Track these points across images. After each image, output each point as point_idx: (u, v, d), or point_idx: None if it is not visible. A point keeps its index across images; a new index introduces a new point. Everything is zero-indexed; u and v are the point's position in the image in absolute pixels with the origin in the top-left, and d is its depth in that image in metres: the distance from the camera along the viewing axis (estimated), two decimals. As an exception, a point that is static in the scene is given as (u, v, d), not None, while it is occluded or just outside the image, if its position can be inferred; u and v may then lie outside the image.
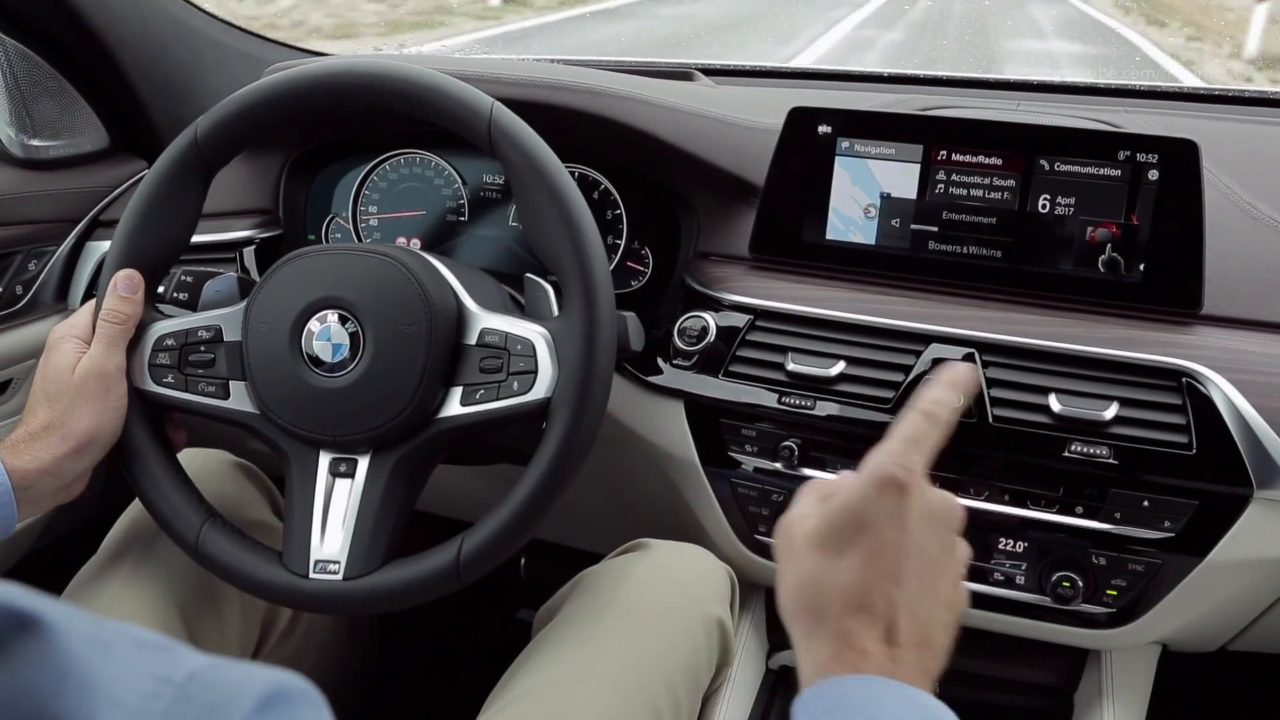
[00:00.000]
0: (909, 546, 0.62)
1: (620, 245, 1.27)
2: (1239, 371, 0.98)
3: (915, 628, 0.62)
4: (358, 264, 0.94)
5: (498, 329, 0.92)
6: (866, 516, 0.62)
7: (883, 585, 0.61)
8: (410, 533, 0.98)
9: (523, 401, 0.90)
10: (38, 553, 1.35)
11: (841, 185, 1.12)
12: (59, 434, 0.93)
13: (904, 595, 0.61)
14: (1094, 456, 0.99)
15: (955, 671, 1.21)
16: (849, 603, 0.61)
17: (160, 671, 0.37)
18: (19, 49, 1.30)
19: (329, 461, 0.95)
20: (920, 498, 0.63)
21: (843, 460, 1.08)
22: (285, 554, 0.96)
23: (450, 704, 1.15)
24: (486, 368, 0.92)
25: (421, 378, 0.91)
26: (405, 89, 0.93)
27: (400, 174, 1.33)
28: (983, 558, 1.07)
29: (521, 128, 0.93)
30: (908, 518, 0.62)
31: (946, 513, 0.65)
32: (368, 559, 0.93)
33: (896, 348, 1.06)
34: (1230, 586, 1.02)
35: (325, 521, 0.95)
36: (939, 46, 6.90)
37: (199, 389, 0.97)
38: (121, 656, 0.37)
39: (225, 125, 0.97)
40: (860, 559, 0.62)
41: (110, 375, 0.95)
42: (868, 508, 0.62)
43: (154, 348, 0.98)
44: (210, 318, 0.98)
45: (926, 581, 0.63)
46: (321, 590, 0.94)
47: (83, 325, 0.98)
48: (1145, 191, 1.02)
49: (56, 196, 1.32)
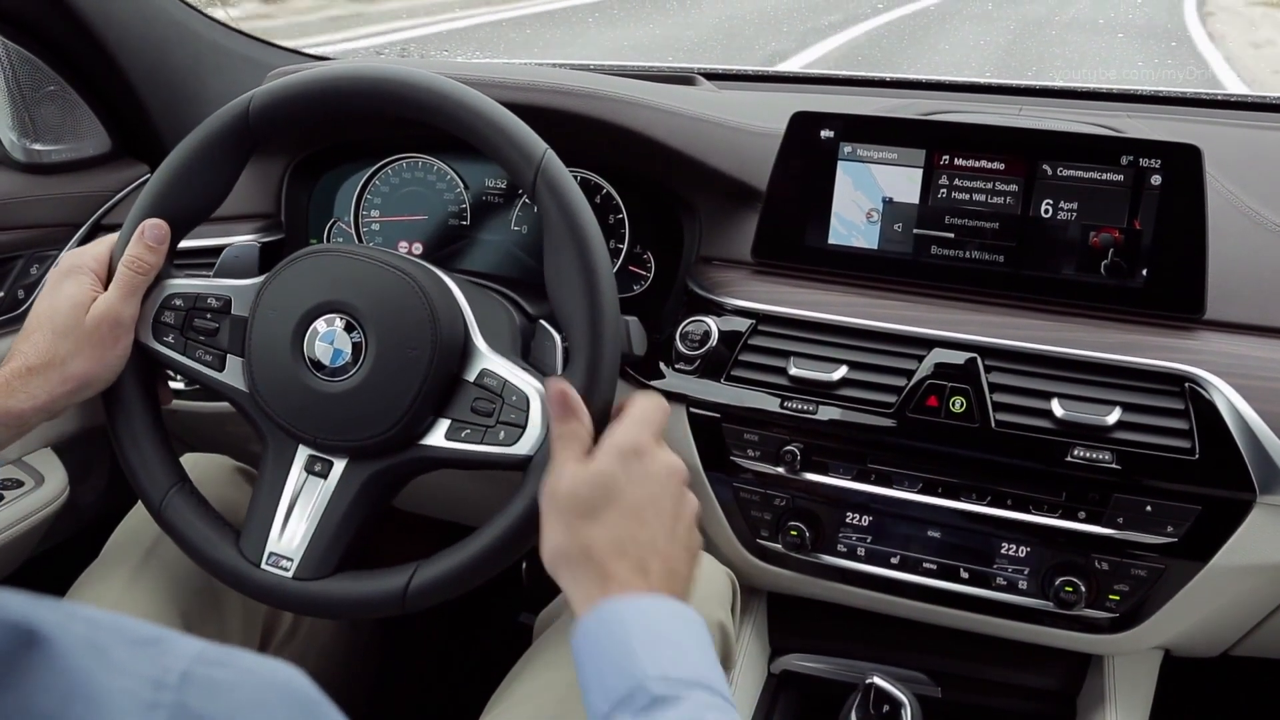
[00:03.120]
0: (650, 501, 0.77)
1: (622, 249, 1.27)
2: (1242, 376, 0.98)
3: (662, 563, 0.76)
4: (378, 276, 0.93)
5: (497, 373, 0.92)
6: (613, 482, 0.77)
7: (633, 533, 0.76)
8: (401, 536, 0.98)
9: (504, 453, 0.90)
10: (40, 556, 1.35)
11: (844, 190, 1.12)
12: (59, 374, 0.91)
13: (650, 538, 0.76)
14: (1096, 461, 0.99)
15: (958, 676, 1.22)
16: (608, 551, 0.75)
17: (155, 673, 0.37)
18: (21, 53, 1.30)
19: (305, 458, 0.95)
20: (655, 461, 0.79)
21: (845, 465, 1.08)
22: (243, 538, 0.96)
23: (451, 708, 1.15)
24: (478, 409, 0.91)
25: (413, 403, 0.90)
26: (463, 115, 0.92)
27: (402, 178, 1.33)
28: (985, 563, 1.07)
29: (568, 181, 0.91)
30: (647, 478, 0.78)
31: (677, 472, 0.81)
32: (321, 564, 0.94)
33: (899, 352, 1.06)
34: (1233, 592, 1.02)
35: (289, 516, 0.95)
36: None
37: (196, 355, 0.97)
38: (119, 662, 0.37)
39: (280, 102, 0.96)
40: (613, 516, 0.76)
41: (123, 324, 0.94)
42: (614, 474, 0.77)
43: (161, 304, 0.97)
44: (222, 287, 0.98)
45: (667, 527, 0.78)
46: (268, 584, 0.94)
47: (99, 260, 0.96)
48: (1148, 196, 1.02)
49: (58, 201, 1.32)
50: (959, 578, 1.08)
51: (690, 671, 0.68)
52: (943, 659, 1.23)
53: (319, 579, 0.93)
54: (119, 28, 1.34)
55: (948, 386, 1.03)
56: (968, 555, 1.07)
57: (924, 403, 1.04)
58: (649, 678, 0.67)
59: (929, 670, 1.23)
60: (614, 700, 0.67)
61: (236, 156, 0.98)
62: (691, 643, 0.71)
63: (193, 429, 1.38)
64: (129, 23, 1.35)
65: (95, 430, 1.42)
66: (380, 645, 1.55)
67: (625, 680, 0.67)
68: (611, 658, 0.69)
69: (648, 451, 0.79)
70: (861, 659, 1.24)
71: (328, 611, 0.95)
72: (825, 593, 1.15)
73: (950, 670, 1.23)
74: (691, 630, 0.72)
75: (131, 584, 1.02)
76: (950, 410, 1.03)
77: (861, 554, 1.10)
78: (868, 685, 1.00)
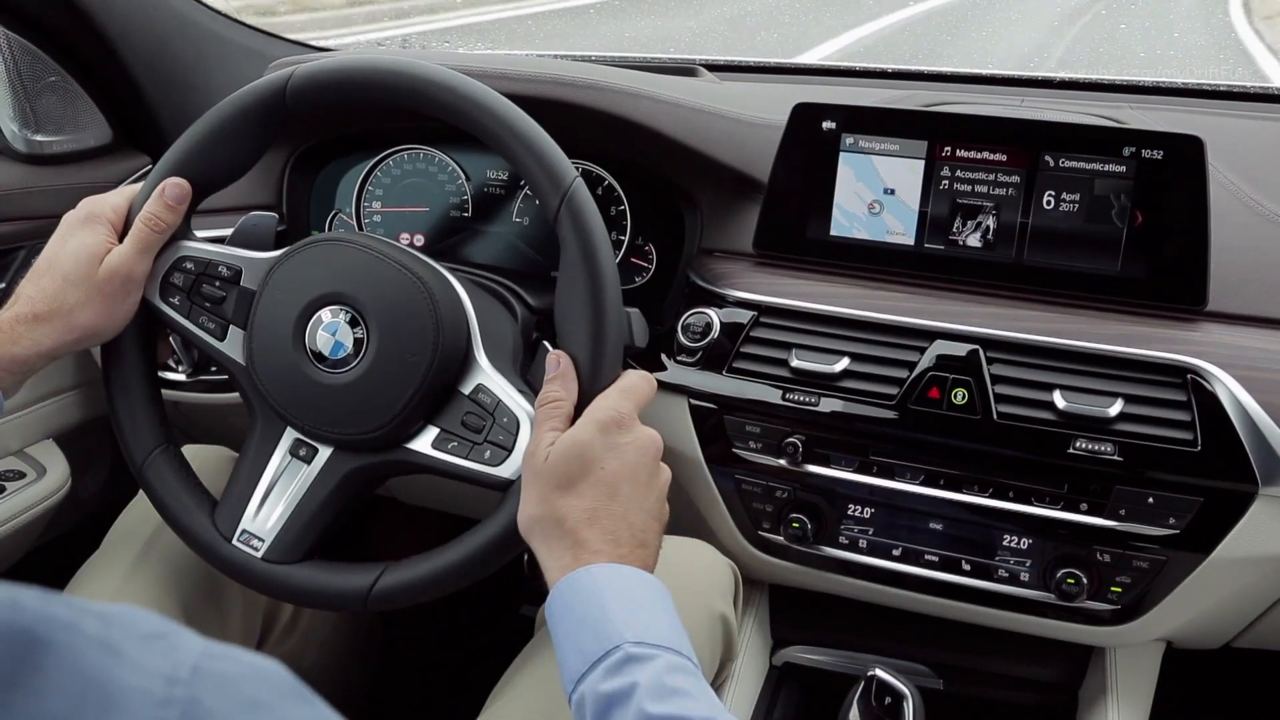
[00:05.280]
0: (624, 473, 0.80)
1: (624, 241, 1.27)
2: (1244, 368, 0.98)
3: (632, 534, 0.79)
4: (389, 275, 0.92)
5: (493, 391, 0.91)
6: (591, 453, 0.79)
7: (607, 504, 0.79)
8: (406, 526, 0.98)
9: (487, 473, 0.90)
10: (42, 548, 1.35)
11: (845, 181, 1.11)
12: (64, 322, 0.90)
13: (622, 509, 0.79)
14: (1099, 453, 0.99)
15: (960, 668, 1.22)
16: (581, 520, 0.78)
17: (168, 669, 0.37)
18: (22, 44, 1.30)
19: (291, 441, 0.95)
20: (632, 434, 0.82)
21: (847, 456, 1.08)
22: (218, 510, 0.96)
23: (454, 699, 1.15)
24: (468, 423, 0.91)
25: (405, 407, 0.90)
26: (499, 129, 0.91)
27: (404, 169, 1.33)
28: (987, 555, 1.07)
29: (591, 214, 0.90)
30: (622, 451, 0.80)
31: (652, 445, 0.83)
32: (292, 548, 0.94)
33: (900, 344, 1.06)
34: (1235, 583, 1.02)
35: (267, 496, 0.95)
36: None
37: (199, 320, 0.97)
38: (132, 659, 0.37)
39: (319, 84, 0.95)
40: (587, 487, 0.79)
41: (134, 280, 0.94)
42: (592, 444, 0.80)
43: (173, 265, 0.97)
44: (235, 257, 0.97)
45: (639, 499, 0.80)
46: (237, 560, 0.95)
47: (118, 211, 0.95)
48: (1150, 188, 1.02)
49: (60, 192, 1.32)
50: (961, 570, 1.08)
51: (661, 636, 0.72)
52: (945, 651, 1.23)
53: (287, 563, 0.94)
54: (120, 19, 1.33)
55: (950, 378, 1.03)
56: (969, 547, 1.07)
57: (926, 394, 1.04)
58: (625, 640, 0.71)
59: (931, 662, 1.23)
60: (590, 660, 0.71)
61: (266, 130, 0.98)
62: (660, 609, 0.75)
63: (195, 420, 1.38)
64: (130, 14, 1.35)
65: (97, 422, 1.42)
66: (382, 637, 1.55)
67: (602, 642, 0.71)
68: (587, 621, 0.73)
69: (626, 424, 0.82)
70: (863, 651, 1.24)
71: (290, 598, 0.96)
72: (827, 585, 1.15)
73: (952, 662, 1.23)
74: (660, 598, 0.76)
75: (131, 575, 1.02)
76: (952, 402, 1.03)
77: (863, 546, 1.10)
78: (869, 677, 1.00)
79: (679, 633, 0.74)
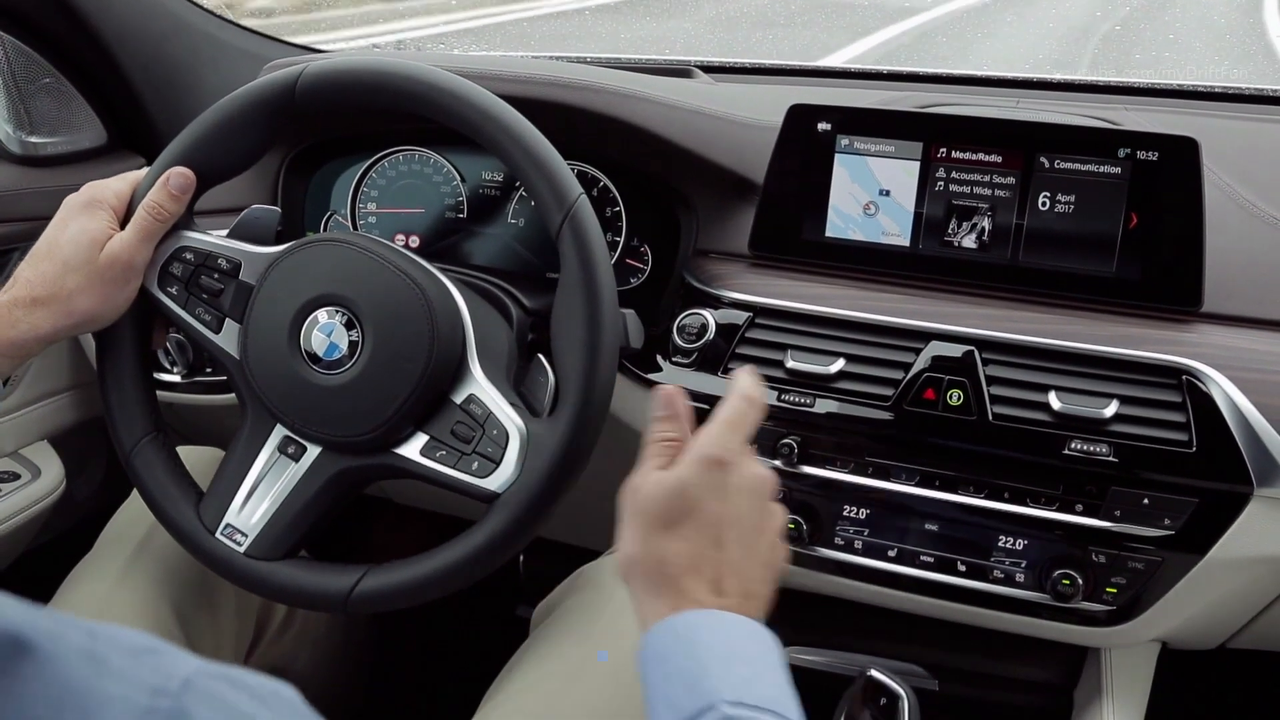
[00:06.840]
0: (730, 516, 0.72)
1: (619, 242, 1.27)
2: (1239, 369, 0.98)
3: (739, 583, 0.71)
4: (388, 280, 0.92)
5: (484, 402, 0.91)
6: (693, 494, 0.72)
7: (710, 551, 0.71)
8: (399, 526, 0.98)
9: (473, 484, 0.90)
10: (35, 550, 1.35)
11: (841, 182, 1.11)
12: (63, 307, 0.90)
13: (728, 557, 0.71)
14: (1094, 454, 0.99)
15: (955, 669, 1.22)
16: (682, 567, 0.71)
17: (156, 681, 0.37)
18: (17, 45, 1.30)
19: (281, 437, 0.95)
20: (739, 473, 0.73)
21: (842, 458, 1.08)
22: (203, 502, 0.96)
23: (448, 701, 1.15)
24: (458, 433, 0.91)
25: (396, 413, 0.90)
26: (507, 142, 0.91)
27: (399, 171, 1.33)
28: (982, 555, 1.07)
29: (593, 232, 0.90)
30: (729, 491, 0.72)
31: (762, 484, 0.75)
32: (274, 545, 0.94)
33: (896, 345, 1.06)
34: (1230, 584, 1.02)
35: (253, 492, 0.95)
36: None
37: (196, 312, 0.97)
38: (117, 669, 0.37)
39: (329, 82, 0.95)
40: (690, 530, 0.71)
41: (135, 268, 0.93)
42: (694, 485, 0.72)
43: (172, 254, 0.97)
44: (235, 250, 0.97)
45: (747, 544, 0.73)
46: (219, 554, 0.95)
47: (120, 197, 0.95)
48: (1145, 189, 1.02)
49: (54, 193, 1.30)
50: (956, 571, 1.08)
51: (764, 696, 0.65)
52: (940, 652, 1.23)
53: (269, 560, 0.94)
54: (115, 20, 1.33)
55: (945, 379, 1.03)
56: (965, 548, 1.07)
57: (921, 395, 1.04)
58: (722, 698, 0.63)
59: (926, 663, 1.23)
60: (682, 717, 0.64)
61: (273, 125, 0.98)
62: (765, 663, 0.68)
63: (190, 422, 1.38)
64: (125, 15, 1.35)
65: (92, 423, 1.42)
66: (376, 637, 1.55)
67: (696, 698, 0.64)
68: (683, 673, 0.66)
69: (732, 461, 0.73)
70: (858, 652, 1.24)
71: (271, 595, 0.96)
72: (822, 586, 1.15)
73: (947, 663, 1.23)
74: (766, 651, 0.69)
75: (124, 576, 1.02)
76: (948, 403, 1.03)
77: (859, 547, 1.10)
78: (865, 678, 1.00)
79: (785, 692, 0.67)
